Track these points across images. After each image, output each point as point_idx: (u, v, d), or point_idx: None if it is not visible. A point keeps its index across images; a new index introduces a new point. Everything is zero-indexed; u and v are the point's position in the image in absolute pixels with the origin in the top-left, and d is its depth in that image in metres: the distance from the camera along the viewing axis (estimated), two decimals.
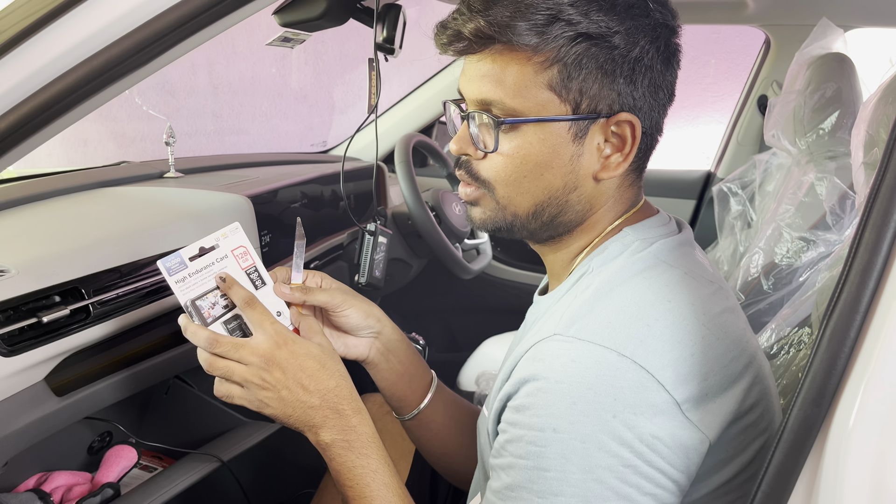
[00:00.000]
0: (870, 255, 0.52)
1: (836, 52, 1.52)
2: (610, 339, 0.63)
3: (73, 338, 0.95)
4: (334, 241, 1.68)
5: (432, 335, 2.18)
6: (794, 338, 1.10)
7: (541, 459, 0.62)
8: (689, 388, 0.63)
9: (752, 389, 0.67)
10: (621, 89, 0.68)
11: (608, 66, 0.67)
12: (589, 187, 0.72)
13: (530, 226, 0.74)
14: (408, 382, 0.94)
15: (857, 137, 0.93)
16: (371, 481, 0.74)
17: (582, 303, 0.67)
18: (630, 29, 0.66)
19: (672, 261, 0.71)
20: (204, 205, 1.28)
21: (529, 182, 0.71)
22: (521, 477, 0.64)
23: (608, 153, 0.70)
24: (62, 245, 1.01)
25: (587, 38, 0.66)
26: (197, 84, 3.05)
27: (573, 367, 0.62)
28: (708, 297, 0.69)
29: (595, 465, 0.61)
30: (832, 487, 0.53)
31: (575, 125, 0.69)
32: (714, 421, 0.64)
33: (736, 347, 0.67)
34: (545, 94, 0.68)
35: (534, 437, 0.63)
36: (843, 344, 0.53)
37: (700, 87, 2.81)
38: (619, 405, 0.61)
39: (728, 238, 1.72)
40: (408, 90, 2.15)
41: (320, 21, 1.11)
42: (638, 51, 0.67)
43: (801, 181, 1.46)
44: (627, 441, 0.61)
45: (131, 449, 1.23)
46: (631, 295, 0.66)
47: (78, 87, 0.73)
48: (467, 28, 0.67)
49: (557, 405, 0.62)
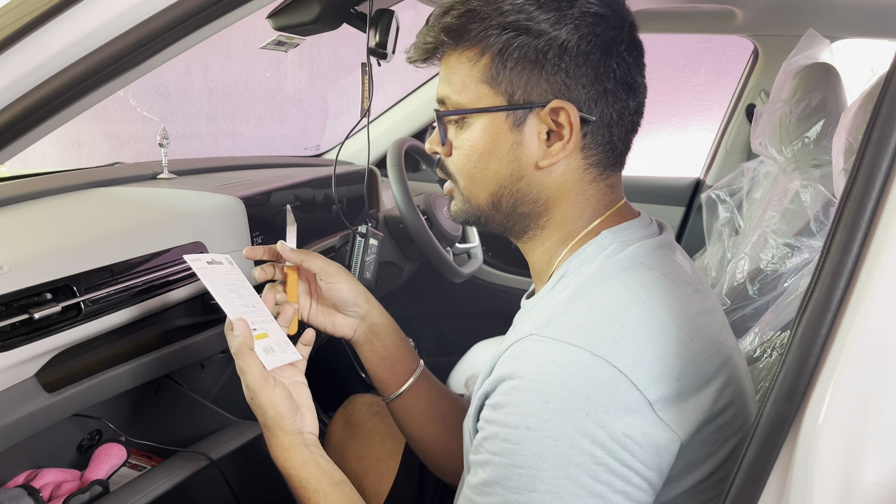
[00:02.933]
0: (840, 255, 0.54)
1: (822, 63, 1.54)
2: (584, 339, 0.64)
3: (64, 335, 0.96)
4: (326, 244, 1.69)
5: (423, 338, 2.19)
6: (777, 341, 1.12)
7: (515, 457, 0.64)
8: (662, 387, 0.64)
9: (726, 390, 0.68)
10: (552, 78, 0.71)
11: (533, 55, 0.70)
12: (537, 176, 0.74)
13: (495, 217, 0.78)
14: (390, 366, 1.00)
15: (837, 145, 0.96)
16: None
17: (558, 304, 0.69)
18: (553, 18, 0.69)
19: (650, 262, 0.72)
20: (197, 206, 1.29)
21: (479, 172, 0.76)
22: (496, 473, 0.65)
23: (551, 143, 0.73)
24: (55, 243, 1.02)
25: (511, 29, 0.70)
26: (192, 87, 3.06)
27: (547, 367, 0.64)
28: (684, 299, 0.70)
29: (567, 462, 0.62)
30: (803, 481, 0.55)
31: (512, 115, 0.73)
32: (687, 420, 0.65)
33: (710, 348, 0.68)
34: (481, 87, 0.73)
35: (508, 434, 0.64)
36: (814, 341, 0.54)
37: (690, 95, 2.83)
38: (592, 404, 0.62)
39: (716, 245, 1.74)
40: (401, 95, 2.17)
41: (314, 25, 1.12)
42: (564, 38, 0.70)
43: (787, 188, 1.48)
44: (599, 439, 0.62)
45: (121, 447, 1.24)
46: (606, 296, 0.68)
47: (73, 85, 0.74)
48: (423, 40, 0.76)
49: (531, 404, 0.63)
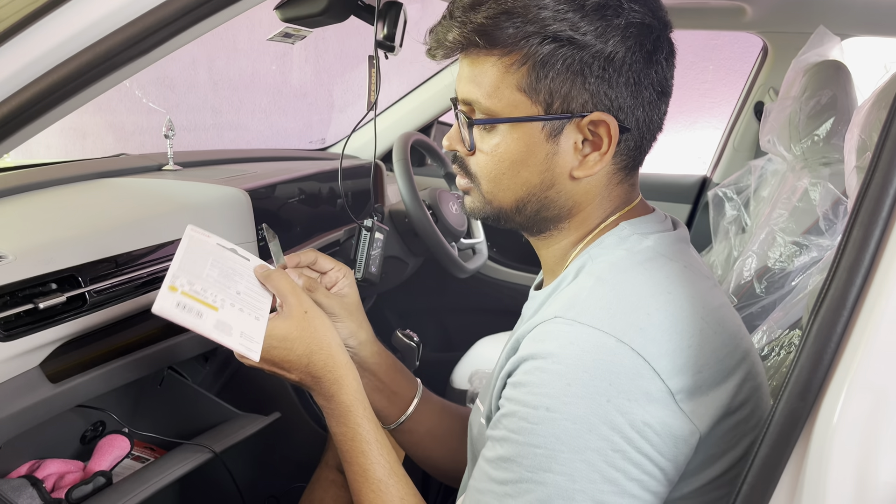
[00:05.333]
0: (857, 252, 0.53)
1: (832, 60, 1.53)
2: (610, 324, 0.64)
3: (68, 325, 0.95)
4: (331, 238, 1.69)
5: (427, 333, 2.19)
6: (785, 340, 1.11)
7: (532, 436, 0.64)
8: (683, 378, 0.64)
9: (744, 385, 0.68)
10: (594, 89, 0.69)
11: (577, 66, 0.68)
12: (568, 185, 0.73)
13: (516, 218, 0.77)
14: (387, 398, 0.98)
15: (850, 142, 0.94)
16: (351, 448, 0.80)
17: (582, 288, 0.68)
18: (600, 29, 0.67)
19: (671, 255, 0.72)
20: (202, 197, 1.29)
21: (508, 179, 0.74)
22: (513, 450, 0.65)
23: (587, 152, 0.72)
24: (60, 233, 1.02)
25: (555, 40, 0.67)
26: (197, 79, 3.06)
27: (571, 350, 0.63)
28: (706, 291, 0.71)
29: (584, 446, 0.62)
30: (816, 480, 0.54)
31: (548, 125, 0.71)
32: (706, 414, 0.65)
33: (731, 342, 0.69)
34: (516, 95, 0.70)
35: (527, 413, 0.64)
36: (829, 339, 0.53)
37: (698, 92, 2.82)
38: (614, 390, 0.62)
39: (722, 242, 1.73)
40: (407, 89, 2.16)
41: (321, 17, 1.11)
42: (610, 50, 0.68)
43: (796, 186, 1.47)
44: (619, 426, 0.62)
45: (124, 438, 1.24)
46: (632, 284, 0.68)
47: (79, 74, 0.74)
48: (448, 36, 0.71)
49: (552, 385, 0.63)
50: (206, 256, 0.86)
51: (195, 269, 0.84)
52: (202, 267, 0.85)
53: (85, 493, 1.06)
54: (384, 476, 0.78)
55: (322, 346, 0.82)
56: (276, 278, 0.86)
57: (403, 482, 0.79)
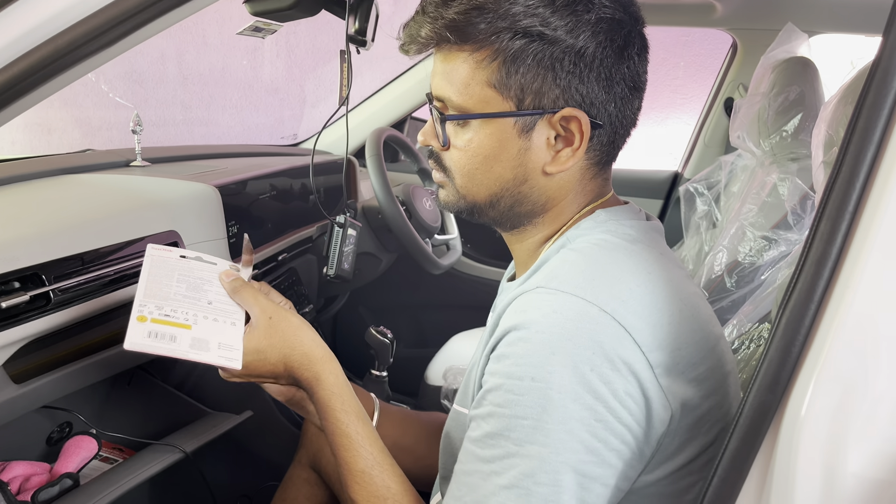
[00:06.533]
0: (824, 246, 0.54)
1: (800, 57, 1.55)
2: (593, 294, 0.64)
3: (32, 324, 0.93)
4: (303, 234, 1.67)
5: (401, 330, 2.18)
6: (755, 333, 1.12)
7: (518, 408, 0.63)
8: (662, 354, 0.64)
9: (716, 372, 0.69)
10: (565, 84, 0.69)
11: (548, 61, 0.68)
12: (541, 180, 0.74)
13: (490, 213, 0.77)
14: None
15: (817, 137, 0.96)
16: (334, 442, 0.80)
17: (564, 262, 0.69)
18: (570, 24, 0.67)
19: (648, 242, 0.73)
20: (171, 194, 1.27)
21: (481, 174, 0.74)
22: (499, 425, 0.64)
23: (559, 147, 0.72)
24: (23, 230, 0.99)
25: (525, 35, 0.68)
26: (166, 74, 3.00)
27: (554, 318, 0.63)
28: (681, 279, 0.72)
29: (569, 416, 0.62)
30: (785, 472, 0.55)
31: (520, 120, 0.71)
32: (679, 393, 0.66)
33: (703, 330, 0.70)
34: (487, 91, 0.71)
35: (512, 385, 0.64)
36: (797, 332, 0.54)
37: (669, 88, 2.85)
38: (597, 358, 0.62)
39: (694, 237, 1.75)
40: (380, 84, 2.14)
41: (292, 11, 1.10)
42: (580, 45, 0.68)
43: (765, 182, 1.49)
44: (602, 395, 0.62)
45: (91, 440, 1.21)
46: (614, 260, 0.68)
47: (41, 66, 0.72)
48: (420, 31, 0.71)
49: (536, 354, 0.63)
50: (170, 273, 0.85)
51: (161, 291, 0.83)
52: (168, 286, 0.84)
53: (51, 495, 1.04)
54: (366, 467, 0.78)
55: (294, 347, 0.82)
56: (238, 291, 0.85)
57: (389, 471, 0.79)
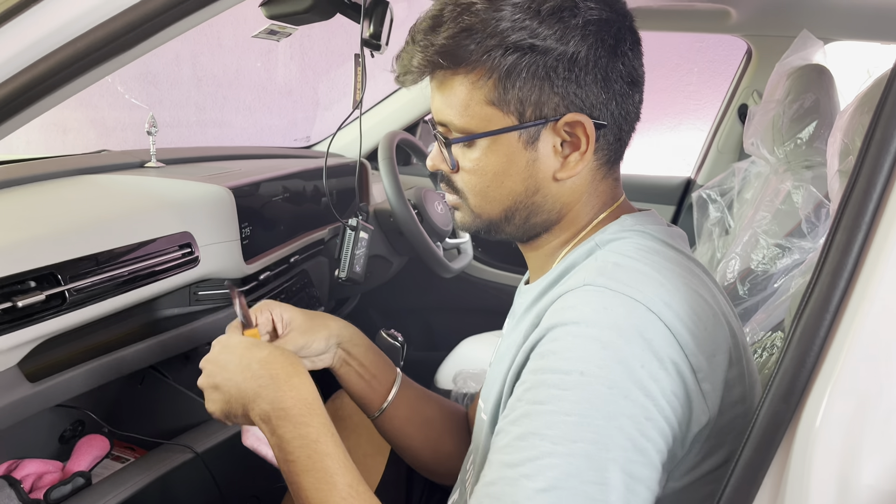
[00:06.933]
0: (840, 256, 0.54)
1: (815, 64, 1.54)
2: (640, 293, 0.63)
3: (47, 324, 0.94)
4: (315, 237, 1.68)
5: (411, 333, 2.18)
6: (768, 342, 1.12)
7: (562, 403, 0.61)
8: (701, 359, 0.64)
9: (744, 380, 0.69)
10: (563, 91, 0.69)
11: (542, 71, 0.68)
12: (553, 187, 0.74)
13: (507, 228, 0.77)
14: (368, 382, 0.97)
15: (832, 146, 0.95)
16: (312, 452, 0.71)
17: (607, 262, 0.68)
18: (559, 32, 0.67)
19: (678, 247, 0.74)
20: (185, 195, 1.28)
21: (493, 191, 0.74)
22: (535, 423, 0.62)
23: (567, 153, 0.72)
24: (39, 230, 1.00)
25: (516, 49, 0.68)
26: (181, 75, 3.03)
27: (605, 314, 0.62)
28: (712, 286, 0.72)
29: (618, 412, 0.60)
30: (799, 483, 0.54)
31: (524, 133, 0.71)
32: (717, 398, 0.65)
33: (734, 337, 0.69)
34: (487, 109, 0.71)
35: (558, 380, 0.62)
36: (812, 342, 0.54)
37: (683, 94, 2.84)
38: (647, 356, 0.61)
39: (706, 244, 1.74)
40: (392, 88, 2.15)
41: (307, 15, 1.11)
42: (572, 51, 0.68)
43: (779, 189, 1.49)
44: (652, 394, 0.61)
45: (103, 438, 1.22)
46: (654, 264, 0.68)
47: (61, 69, 0.72)
48: (412, 61, 0.72)
49: (587, 348, 0.61)
50: None
51: None
52: None
53: (64, 493, 1.05)
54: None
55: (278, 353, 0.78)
56: None
57: None
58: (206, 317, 1.27)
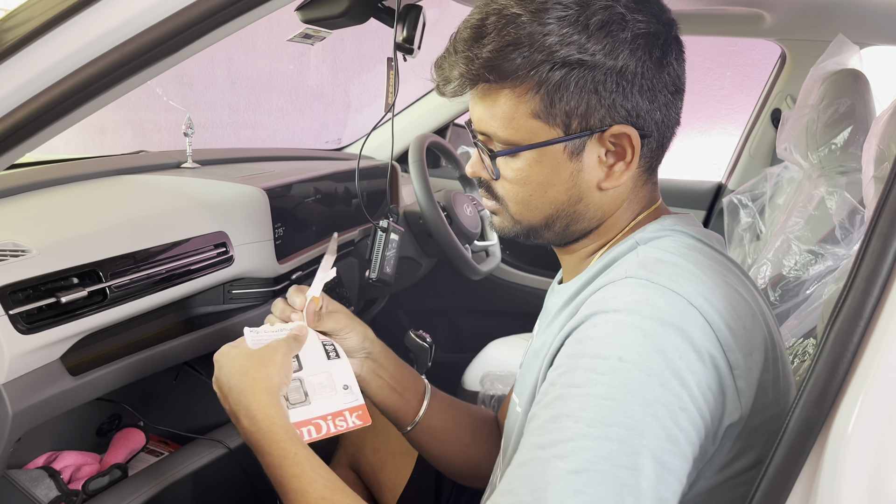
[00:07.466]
0: (875, 262, 0.53)
1: (851, 69, 1.52)
2: (681, 286, 0.64)
3: (89, 319, 0.97)
4: (346, 238, 1.70)
5: (439, 335, 2.19)
6: (799, 348, 1.11)
7: (598, 387, 0.61)
8: (738, 356, 0.64)
9: (777, 384, 0.68)
10: (610, 104, 0.69)
11: (591, 85, 0.68)
12: (596, 196, 0.74)
13: (546, 234, 0.78)
14: (399, 395, 0.98)
15: (868, 152, 0.94)
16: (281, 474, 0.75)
17: (648, 257, 0.68)
18: (608, 46, 0.67)
19: (717, 247, 0.75)
20: (221, 195, 1.30)
21: (535, 200, 0.74)
22: (569, 406, 0.62)
23: (611, 162, 0.72)
24: (82, 228, 1.03)
25: (564, 65, 0.67)
26: (215, 77, 3.08)
27: (646, 304, 0.63)
28: (750, 286, 0.73)
29: (655, 399, 0.60)
30: (830, 489, 0.54)
31: (570, 144, 0.71)
32: (750, 397, 0.65)
33: (771, 338, 0.69)
34: (532, 122, 0.71)
35: (595, 364, 0.62)
36: (846, 348, 0.54)
37: (714, 99, 2.81)
38: (686, 347, 0.61)
39: (737, 249, 1.73)
40: (422, 91, 2.17)
41: (342, 19, 1.12)
42: (621, 65, 0.68)
43: (812, 195, 1.47)
44: (688, 384, 0.61)
45: (139, 432, 1.25)
46: (693, 261, 0.68)
47: (108, 73, 0.75)
48: (454, 72, 0.71)
49: (627, 335, 0.62)
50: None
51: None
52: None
53: (101, 485, 1.08)
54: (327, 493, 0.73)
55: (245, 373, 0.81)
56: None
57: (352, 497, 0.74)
58: (239, 315, 1.30)
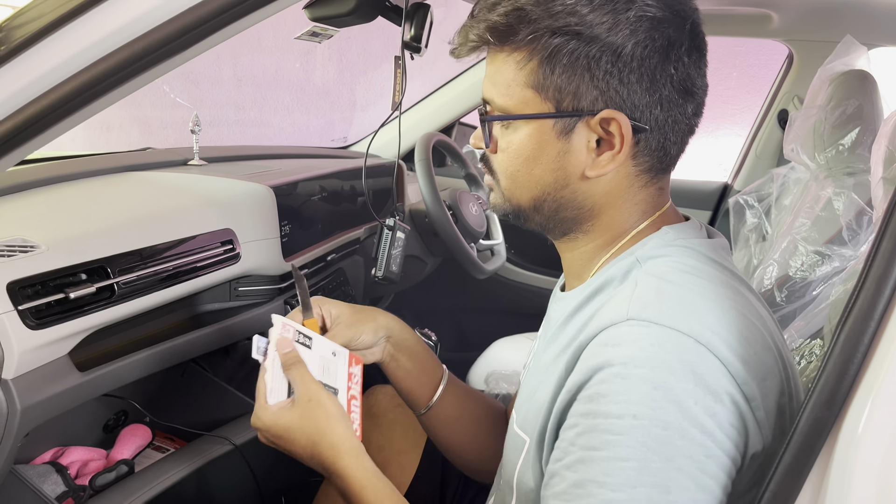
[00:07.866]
0: (886, 263, 0.53)
1: (858, 70, 1.52)
2: (687, 325, 0.61)
3: (97, 315, 0.97)
4: (352, 236, 1.70)
5: (443, 333, 2.19)
6: (806, 349, 1.11)
7: (618, 448, 0.59)
8: (753, 387, 0.62)
9: (793, 401, 0.67)
10: (603, 86, 0.67)
11: (584, 61, 0.67)
12: (582, 185, 0.72)
13: (535, 218, 0.76)
14: (417, 378, 0.97)
15: (877, 153, 0.94)
16: None
17: (648, 288, 0.66)
18: (608, 22, 0.66)
19: (721, 261, 0.71)
20: (227, 192, 1.31)
21: (522, 176, 0.74)
22: (592, 471, 0.60)
23: (600, 150, 0.70)
24: (90, 224, 1.03)
25: (561, 34, 0.66)
26: (221, 75, 3.08)
27: (652, 352, 0.60)
28: (757, 304, 0.70)
29: (677, 453, 0.58)
30: (840, 490, 0.54)
31: (559, 122, 0.70)
32: (770, 426, 0.63)
33: (782, 358, 0.67)
34: (527, 92, 0.70)
35: (610, 425, 0.60)
36: (856, 349, 0.54)
37: (720, 99, 2.81)
38: (700, 391, 0.59)
39: (742, 250, 1.72)
40: (429, 90, 2.17)
41: (350, 17, 1.13)
42: (618, 44, 0.66)
43: (819, 196, 1.47)
44: (709, 430, 0.59)
45: (146, 428, 1.26)
46: (698, 287, 0.65)
47: (117, 71, 0.75)
48: (469, 34, 0.72)
49: (637, 390, 0.59)
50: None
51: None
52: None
53: (108, 480, 1.09)
54: None
55: (324, 437, 0.80)
56: (289, 368, 0.84)
57: None
58: (245, 312, 1.30)
